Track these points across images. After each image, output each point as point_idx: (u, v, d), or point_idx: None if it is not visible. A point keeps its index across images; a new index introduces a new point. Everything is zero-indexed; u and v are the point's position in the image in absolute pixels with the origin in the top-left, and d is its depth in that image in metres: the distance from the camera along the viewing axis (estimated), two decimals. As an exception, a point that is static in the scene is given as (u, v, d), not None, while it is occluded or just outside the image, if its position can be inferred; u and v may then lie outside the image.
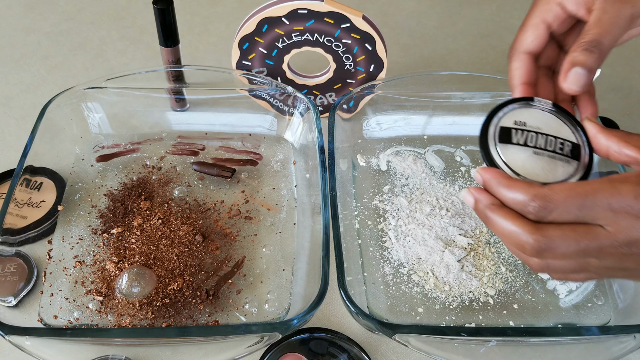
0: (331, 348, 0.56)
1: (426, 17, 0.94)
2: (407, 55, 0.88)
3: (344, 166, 0.68)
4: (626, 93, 0.83)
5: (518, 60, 0.49)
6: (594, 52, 0.44)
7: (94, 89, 0.69)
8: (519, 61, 0.48)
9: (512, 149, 0.45)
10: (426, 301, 0.58)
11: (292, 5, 0.66)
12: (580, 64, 0.44)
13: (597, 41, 0.44)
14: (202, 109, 0.76)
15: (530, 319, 0.57)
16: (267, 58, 0.71)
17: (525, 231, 0.40)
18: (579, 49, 0.44)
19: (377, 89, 0.71)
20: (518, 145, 0.45)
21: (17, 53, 0.86)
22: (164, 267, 0.59)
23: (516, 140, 0.45)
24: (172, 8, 0.67)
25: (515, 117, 0.46)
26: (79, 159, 0.69)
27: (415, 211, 0.65)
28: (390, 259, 0.62)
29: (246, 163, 0.70)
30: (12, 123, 0.76)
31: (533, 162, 0.44)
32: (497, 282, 0.60)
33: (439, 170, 0.70)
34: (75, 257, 0.61)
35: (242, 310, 0.58)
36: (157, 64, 0.83)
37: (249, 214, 0.65)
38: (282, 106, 0.73)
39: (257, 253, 0.62)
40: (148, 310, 0.56)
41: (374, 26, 0.68)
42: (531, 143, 0.45)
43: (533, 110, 0.47)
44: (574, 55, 0.45)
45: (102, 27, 0.91)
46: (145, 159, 0.70)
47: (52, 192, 0.66)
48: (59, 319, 0.56)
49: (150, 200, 0.65)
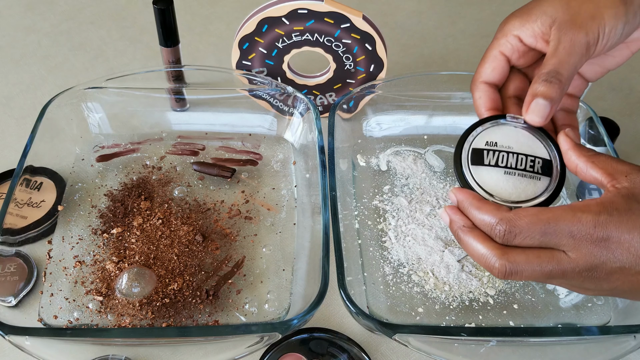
0: (331, 348, 0.56)
1: (426, 17, 0.94)
2: (407, 55, 0.88)
3: (344, 166, 0.68)
4: (626, 93, 0.83)
5: (479, 90, 0.50)
6: (553, 82, 0.45)
7: (94, 89, 0.69)
8: (479, 91, 0.50)
9: (484, 170, 0.46)
10: (426, 301, 0.58)
11: (292, 5, 0.66)
12: (541, 95, 0.46)
13: (556, 71, 0.45)
14: (202, 109, 0.76)
15: (530, 319, 0.57)
16: (267, 58, 0.71)
17: (493, 254, 0.42)
18: (539, 81, 0.46)
19: (377, 89, 0.71)
20: (489, 166, 0.46)
21: (17, 53, 0.86)
22: (164, 267, 0.59)
23: (487, 162, 0.46)
24: (172, 8, 0.67)
25: (487, 137, 0.48)
26: (79, 159, 0.69)
27: (415, 211, 0.65)
28: (390, 259, 0.62)
29: (246, 163, 0.70)
30: (12, 123, 0.76)
31: (504, 182, 0.46)
32: (497, 282, 0.60)
33: (439, 170, 0.70)
34: (75, 257, 0.61)
35: (242, 310, 0.58)
36: (157, 64, 0.83)
37: (249, 214, 0.65)
38: (282, 106, 0.73)
39: (257, 253, 0.62)
40: (148, 310, 0.56)
41: (374, 26, 0.68)
42: (502, 163, 0.46)
43: (505, 127, 0.48)
44: (534, 87, 0.46)
45: (102, 27, 0.91)
46: (145, 159, 0.70)
47: (52, 192, 0.66)
48: (59, 319, 0.56)
49: (150, 200, 0.65)
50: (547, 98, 0.45)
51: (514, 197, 0.45)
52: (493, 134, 0.48)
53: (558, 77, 0.45)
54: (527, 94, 0.47)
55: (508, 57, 0.49)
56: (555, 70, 0.45)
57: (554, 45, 0.46)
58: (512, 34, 0.49)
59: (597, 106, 0.78)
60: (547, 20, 0.47)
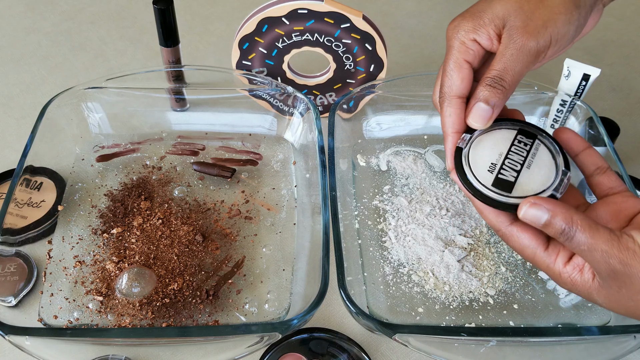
0: (331, 348, 0.56)
1: (426, 17, 0.94)
2: (407, 55, 0.88)
3: (344, 166, 0.68)
4: (626, 93, 0.83)
5: (450, 107, 0.47)
6: (497, 87, 0.45)
7: (94, 89, 0.69)
8: (451, 107, 0.47)
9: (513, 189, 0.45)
10: (426, 301, 0.58)
11: (292, 5, 0.66)
12: (483, 100, 0.45)
13: (500, 77, 0.45)
14: (202, 109, 0.76)
15: (530, 319, 0.57)
16: (267, 58, 0.71)
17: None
18: (483, 84, 0.45)
19: (377, 89, 0.71)
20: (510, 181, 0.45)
21: (17, 53, 0.86)
22: (164, 267, 0.59)
23: (506, 177, 0.45)
24: (172, 8, 0.67)
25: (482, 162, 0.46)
26: (79, 159, 0.69)
27: (415, 211, 0.65)
28: (390, 259, 0.62)
29: (246, 163, 0.70)
30: (12, 123, 0.76)
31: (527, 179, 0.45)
32: (497, 282, 0.60)
33: (439, 170, 0.70)
34: (75, 257, 0.61)
35: (242, 310, 0.58)
36: (157, 64, 0.83)
37: (249, 214, 0.65)
38: (282, 106, 0.73)
39: (257, 253, 0.62)
40: (148, 310, 0.56)
41: (374, 26, 0.68)
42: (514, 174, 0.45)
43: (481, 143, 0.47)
44: (478, 91, 0.45)
45: (102, 27, 0.91)
46: (145, 159, 0.70)
47: (52, 192, 0.66)
48: (59, 319, 0.56)
49: (150, 200, 0.65)
50: (488, 103, 0.45)
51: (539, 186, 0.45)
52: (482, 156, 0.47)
53: (502, 84, 0.45)
54: (472, 97, 0.46)
55: (471, 63, 0.47)
56: (500, 77, 0.44)
57: (501, 50, 0.45)
58: (469, 39, 0.47)
59: (597, 106, 0.78)
60: (499, 23, 0.45)
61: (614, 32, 0.92)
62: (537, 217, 0.42)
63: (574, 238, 0.41)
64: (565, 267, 0.43)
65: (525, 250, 0.45)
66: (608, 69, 0.86)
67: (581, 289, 0.43)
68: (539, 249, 0.44)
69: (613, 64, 0.87)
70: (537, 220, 0.42)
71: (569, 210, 0.41)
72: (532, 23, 0.44)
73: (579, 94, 0.67)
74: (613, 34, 0.92)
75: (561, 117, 0.69)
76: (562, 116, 0.69)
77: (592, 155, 0.49)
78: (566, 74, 0.67)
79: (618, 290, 0.41)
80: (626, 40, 0.91)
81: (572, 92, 0.67)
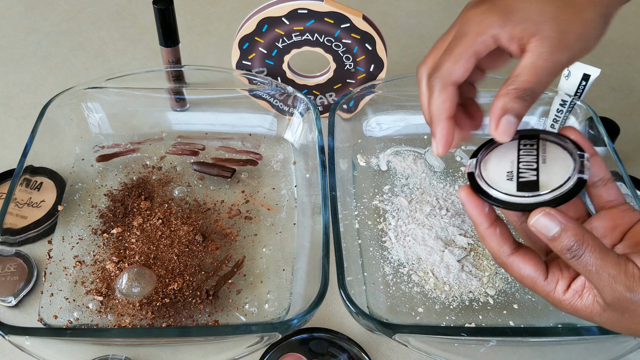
0: (331, 348, 0.56)
1: (426, 17, 0.94)
2: (407, 55, 0.88)
3: (344, 166, 0.68)
4: (626, 93, 0.83)
5: (446, 93, 0.44)
6: (527, 100, 0.42)
7: (94, 89, 0.69)
8: (446, 93, 0.44)
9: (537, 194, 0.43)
10: (426, 301, 0.58)
11: (292, 5, 0.66)
12: (512, 113, 0.42)
13: (532, 90, 0.42)
14: (202, 109, 0.76)
15: (530, 319, 0.57)
16: (267, 58, 0.71)
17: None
18: (512, 96, 0.42)
19: (377, 89, 0.71)
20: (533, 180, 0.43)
21: (17, 53, 0.86)
22: (164, 267, 0.59)
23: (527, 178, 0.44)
24: (172, 8, 0.67)
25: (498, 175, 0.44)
26: (79, 159, 0.69)
27: (415, 211, 0.65)
28: (390, 259, 0.62)
29: (246, 163, 0.70)
30: (12, 123, 0.76)
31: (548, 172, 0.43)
32: (497, 282, 0.60)
33: (439, 170, 0.70)
34: (75, 257, 0.61)
35: (242, 310, 0.58)
36: (157, 64, 0.83)
37: (249, 214, 0.65)
38: (282, 106, 0.73)
39: (257, 253, 0.62)
40: (148, 310, 0.56)
41: (374, 26, 0.68)
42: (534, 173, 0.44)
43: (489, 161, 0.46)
44: (505, 101, 0.42)
45: (102, 27, 0.91)
46: (145, 159, 0.70)
47: (52, 192, 0.66)
48: (59, 319, 0.56)
49: (150, 200, 0.65)
50: (519, 116, 0.42)
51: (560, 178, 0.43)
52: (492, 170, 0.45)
53: (533, 97, 0.42)
54: (495, 106, 0.42)
55: (479, 57, 0.44)
56: (533, 89, 0.42)
57: (532, 60, 0.42)
58: (489, 33, 0.43)
59: (597, 106, 0.78)
60: (530, 29, 0.42)
61: (614, 32, 0.92)
62: (547, 228, 0.40)
63: (582, 257, 0.39)
64: (564, 295, 0.43)
65: (525, 280, 0.44)
66: (608, 69, 0.85)
67: (582, 313, 0.43)
68: (539, 278, 0.43)
69: (613, 64, 0.87)
70: (547, 231, 0.40)
71: (581, 228, 0.40)
72: (566, 37, 0.42)
73: (579, 94, 0.67)
74: (613, 34, 0.92)
75: (561, 117, 0.69)
76: (562, 116, 0.69)
77: (596, 166, 0.46)
78: (566, 73, 0.67)
79: (621, 314, 0.40)
80: (626, 40, 0.91)
81: (572, 92, 0.67)
